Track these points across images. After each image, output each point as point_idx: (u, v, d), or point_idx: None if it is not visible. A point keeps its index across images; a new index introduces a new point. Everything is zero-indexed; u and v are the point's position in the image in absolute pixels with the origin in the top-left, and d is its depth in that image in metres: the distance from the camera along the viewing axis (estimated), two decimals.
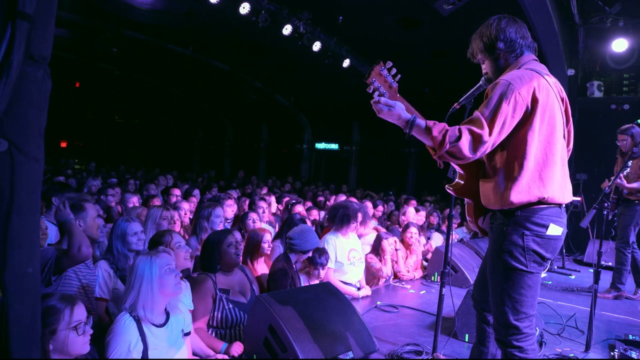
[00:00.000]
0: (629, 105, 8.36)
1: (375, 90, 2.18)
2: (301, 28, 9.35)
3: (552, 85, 2.24)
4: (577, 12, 8.07)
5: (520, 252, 2.14)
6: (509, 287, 2.17)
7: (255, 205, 5.43)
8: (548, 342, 3.68)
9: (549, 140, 2.17)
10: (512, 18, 2.32)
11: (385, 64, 2.19)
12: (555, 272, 6.56)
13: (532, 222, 2.13)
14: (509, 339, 2.17)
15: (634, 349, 3.48)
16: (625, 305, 5.10)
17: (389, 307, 4.32)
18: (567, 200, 2.23)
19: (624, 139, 5.12)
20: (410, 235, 5.47)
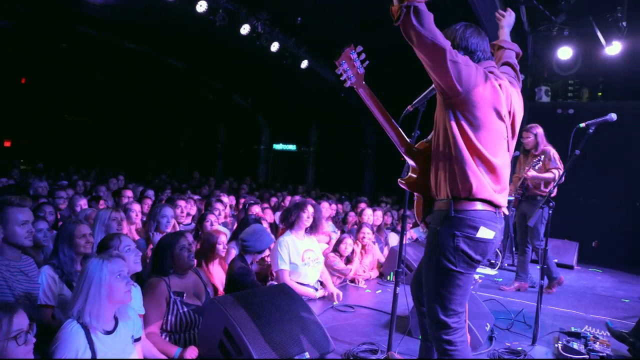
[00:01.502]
0: (573, 109, 8.78)
1: (344, 72, 2.20)
2: (259, 28, 9.30)
3: (505, 96, 2.29)
4: (526, 20, 8.40)
5: (450, 252, 2.21)
6: (439, 285, 2.25)
7: (212, 207, 5.35)
8: (498, 337, 3.81)
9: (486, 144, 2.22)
10: (477, 29, 2.39)
11: (356, 48, 2.21)
12: (506, 269, 6.80)
13: (463, 224, 2.20)
14: (439, 333, 2.26)
15: (575, 340, 3.66)
16: (570, 299, 5.35)
17: (345, 307, 4.35)
18: (503, 204, 2.30)
19: (528, 136, 5.41)
20: (364, 236, 5.52)
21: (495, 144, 2.25)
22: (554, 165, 5.29)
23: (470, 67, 2.14)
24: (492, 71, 2.30)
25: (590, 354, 3.46)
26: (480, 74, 2.18)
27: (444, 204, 2.27)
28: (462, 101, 2.16)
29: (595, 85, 9.78)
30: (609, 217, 8.39)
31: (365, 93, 2.27)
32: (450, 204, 2.23)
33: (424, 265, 2.38)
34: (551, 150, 5.38)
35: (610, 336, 3.78)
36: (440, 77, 2.14)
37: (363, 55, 2.22)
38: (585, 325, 4.24)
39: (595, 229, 8.41)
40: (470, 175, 2.19)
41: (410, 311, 3.59)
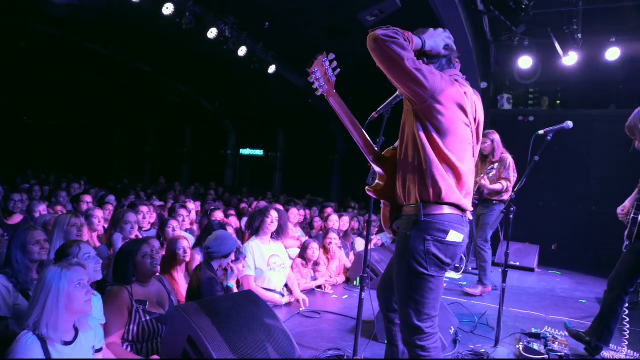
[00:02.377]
0: (534, 117, 9.08)
1: (316, 80, 2.20)
2: (227, 32, 9.22)
3: (469, 104, 2.33)
4: (489, 30, 8.64)
5: (421, 256, 2.22)
6: (411, 290, 2.26)
7: (175, 213, 5.25)
8: (462, 340, 3.88)
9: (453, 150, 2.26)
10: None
11: (328, 56, 2.22)
12: (470, 273, 6.94)
13: (433, 228, 2.23)
14: (413, 339, 2.27)
15: (536, 340, 3.77)
16: (531, 301, 5.50)
17: (311, 312, 4.35)
18: (468, 209, 2.35)
19: (485, 142, 5.58)
20: (330, 241, 5.53)
21: (461, 150, 2.29)
22: (506, 175, 5.45)
23: (434, 75, 2.18)
24: (457, 79, 2.35)
25: (550, 354, 3.56)
26: (445, 81, 2.22)
27: (413, 209, 2.29)
28: (429, 108, 2.19)
29: (554, 93, 10.15)
30: (567, 221, 8.69)
31: (335, 101, 2.27)
32: (419, 208, 2.25)
33: (395, 271, 2.38)
34: (508, 159, 5.52)
35: (569, 336, 3.90)
36: (405, 85, 2.18)
37: (335, 63, 2.23)
38: (545, 326, 4.37)
39: (555, 233, 8.69)
40: (439, 180, 2.23)
41: (376, 316, 3.61)
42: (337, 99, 2.25)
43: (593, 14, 7.40)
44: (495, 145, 5.57)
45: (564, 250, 8.63)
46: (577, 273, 7.69)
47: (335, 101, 2.26)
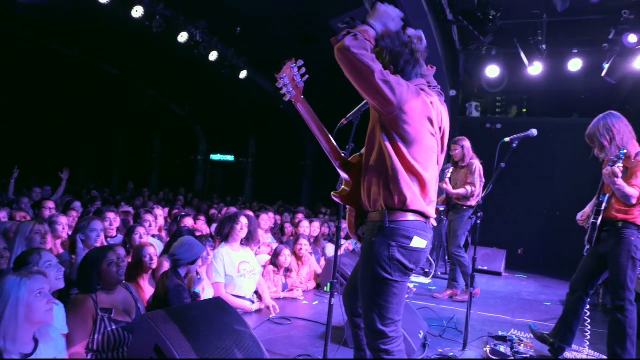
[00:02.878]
0: (501, 124, 9.31)
1: (284, 86, 2.19)
2: (198, 36, 9.14)
3: (435, 114, 2.36)
4: (458, 39, 8.83)
5: (386, 261, 2.25)
6: (376, 295, 2.28)
7: (141, 219, 5.14)
8: (431, 344, 3.92)
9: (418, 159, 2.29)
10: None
11: (297, 62, 2.22)
12: (439, 277, 7.03)
13: (398, 234, 2.26)
14: (377, 343, 2.29)
15: (502, 343, 3.85)
16: (498, 305, 5.61)
17: (282, 319, 4.32)
18: (432, 215, 2.38)
19: (456, 149, 5.71)
20: (301, 247, 5.52)
21: (426, 158, 2.33)
22: (471, 180, 5.56)
23: (401, 86, 2.21)
24: (423, 88, 2.39)
25: (516, 356, 3.64)
26: (412, 91, 2.25)
27: (378, 215, 2.31)
28: (395, 118, 2.22)
29: (520, 102, 10.44)
30: (533, 226, 8.93)
31: (303, 107, 2.28)
32: (384, 215, 2.27)
33: (359, 276, 2.39)
34: (475, 164, 5.62)
35: (534, 338, 4.00)
36: (372, 97, 2.21)
37: (303, 69, 2.23)
38: (511, 328, 4.47)
39: (521, 237, 8.91)
40: (404, 188, 2.25)
41: (346, 322, 3.61)
42: (305, 105, 2.26)
43: (557, 26, 7.65)
44: (465, 151, 5.67)
45: (530, 254, 8.86)
46: (542, 276, 7.90)
47: (303, 107, 2.27)
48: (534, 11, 7.38)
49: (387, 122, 2.25)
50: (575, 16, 7.25)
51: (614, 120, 3.50)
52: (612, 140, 3.44)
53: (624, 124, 3.49)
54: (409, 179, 2.26)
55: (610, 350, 3.47)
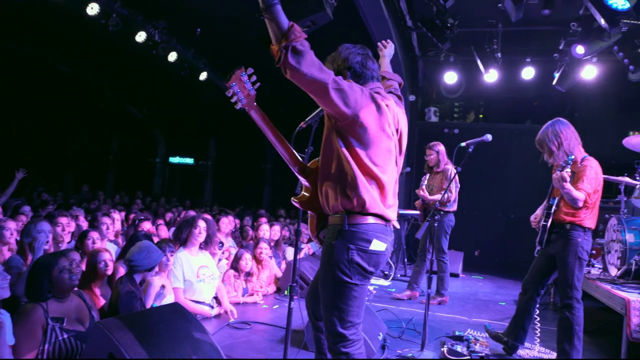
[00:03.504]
0: (458, 129, 9.56)
1: (234, 95, 2.16)
2: (156, 37, 8.96)
3: (391, 116, 2.38)
4: (417, 45, 9.03)
5: (345, 265, 2.25)
6: (336, 298, 2.28)
7: (97, 222, 4.98)
8: (390, 345, 3.97)
9: (376, 162, 2.30)
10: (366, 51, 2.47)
11: (247, 70, 2.19)
12: (399, 280, 7.14)
13: (357, 237, 2.26)
14: (337, 346, 2.29)
15: (459, 343, 3.94)
16: (455, 305, 5.74)
17: (241, 324, 4.28)
18: (392, 218, 2.40)
19: (431, 154, 5.82)
20: (261, 251, 5.49)
21: (384, 161, 2.34)
22: (446, 186, 5.65)
23: (355, 92, 2.21)
24: (379, 92, 2.40)
25: (472, 355, 3.74)
26: (366, 96, 2.26)
27: (337, 219, 2.31)
28: (351, 123, 2.23)
29: (477, 108, 10.77)
30: (488, 228, 9.20)
31: (256, 115, 2.25)
32: (344, 218, 2.28)
33: (320, 280, 2.39)
34: (450, 170, 5.73)
35: (489, 337, 4.11)
36: (327, 106, 2.21)
37: (254, 77, 2.21)
38: (468, 328, 4.57)
39: (477, 239, 9.17)
40: (362, 191, 2.26)
41: (306, 325, 3.62)
42: (259, 112, 2.24)
43: (511, 35, 7.95)
44: (440, 156, 5.72)
45: (486, 256, 9.13)
46: (498, 277, 8.14)
47: (257, 114, 2.25)
48: (489, 20, 7.65)
49: (343, 127, 2.26)
50: (528, 26, 7.55)
51: (562, 126, 3.66)
52: (560, 145, 3.59)
53: (570, 130, 3.66)
54: (366, 182, 2.28)
55: (559, 346, 3.62)
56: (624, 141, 4.76)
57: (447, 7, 6.41)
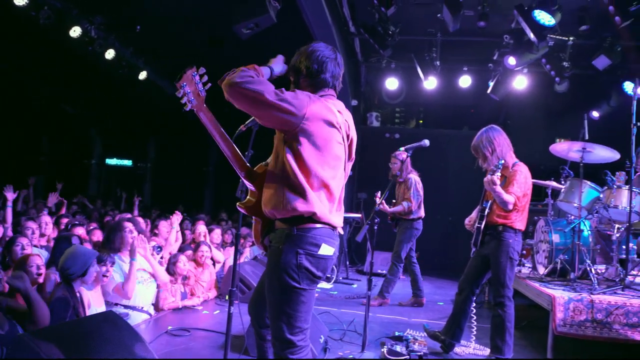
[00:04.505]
0: (399, 134, 9.80)
1: (184, 95, 2.09)
2: (93, 32, 8.56)
3: (341, 122, 2.38)
4: (359, 51, 9.19)
5: (293, 269, 2.23)
6: (284, 303, 2.25)
7: (22, 227, 4.67)
8: (331, 347, 4.00)
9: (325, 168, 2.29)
10: (335, 54, 2.47)
11: (199, 70, 2.12)
12: (340, 282, 7.21)
13: (306, 242, 2.25)
14: (285, 352, 2.27)
15: (399, 343, 4.03)
16: (397, 306, 5.88)
17: (180, 330, 4.16)
18: (339, 224, 2.41)
19: (395, 162, 5.95)
20: (202, 254, 5.38)
21: (333, 167, 2.33)
22: (407, 196, 5.84)
23: (300, 100, 2.20)
24: (327, 98, 2.39)
25: (411, 354, 3.83)
26: (314, 101, 2.25)
27: (285, 224, 2.29)
28: (300, 130, 2.21)
29: (417, 113, 11.09)
30: (427, 230, 9.43)
31: (206, 117, 2.18)
32: (292, 222, 2.26)
33: (266, 285, 2.35)
34: (412, 180, 5.86)
35: (427, 336, 4.24)
36: (276, 120, 2.20)
37: (205, 77, 2.14)
38: (407, 328, 4.69)
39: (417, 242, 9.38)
40: (310, 196, 2.24)
41: (247, 330, 3.57)
42: (208, 114, 2.17)
43: (449, 44, 8.26)
44: (403, 166, 5.78)
45: (426, 257, 9.34)
46: (437, 278, 8.39)
47: (206, 117, 2.18)
48: (429, 29, 7.92)
49: (292, 135, 2.23)
50: (465, 37, 7.88)
51: (495, 133, 3.85)
52: (494, 151, 3.78)
53: (503, 136, 3.86)
54: (315, 188, 2.26)
55: (492, 342, 3.79)
56: (551, 148, 5.05)
57: (389, 15, 6.57)
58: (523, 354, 4.19)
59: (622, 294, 4.18)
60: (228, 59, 10.81)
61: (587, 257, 4.72)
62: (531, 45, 6.81)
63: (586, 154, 4.74)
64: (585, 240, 4.94)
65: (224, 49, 9.19)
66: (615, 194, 4.75)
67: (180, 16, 8.46)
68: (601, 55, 7.14)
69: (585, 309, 3.97)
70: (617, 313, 3.93)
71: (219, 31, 8.70)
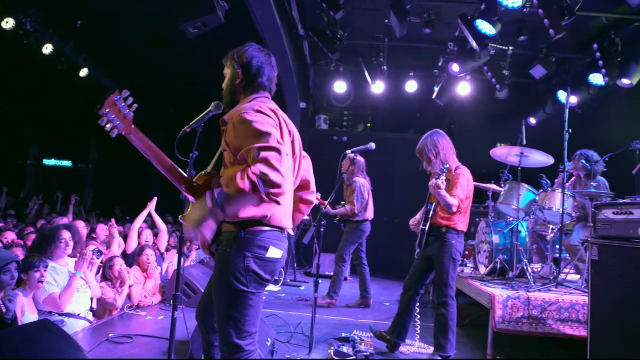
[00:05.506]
0: (347, 137, 9.92)
1: (109, 122, 2.00)
2: (28, 25, 8.12)
3: (286, 126, 2.36)
4: (308, 54, 9.22)
5: (241, 273, 2.20)
6: (231, 307, 2.22)
7: None
8: (278, 350, 3.97)
9: None
10: (270, 57, 2.44)
11: (122, 93, 2.03)
12: (288, 284, 7.19)
13: (253, 245, 2.22)
14: (233, 357, 2.24)
15: (345, 343, 4.08)
16: (343, 307, 5.93)
17: (122, 337, 4.01)
18: (289, 226, 2.40)
19: (344, 165, 5.98)
20: (147, 258, 5.21)
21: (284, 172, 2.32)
22: (351, 199, 5.90)
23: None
24: (264, 101, 2.36)
25: (357, 355, 3.88)
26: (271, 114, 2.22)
27: (233, 226, 2.25)
28: None
29: (365, 117, 11.26)
30: (374, 232, 9.58)
31: (136, 138, 2.11)
32: (240, 225, 2.23)
33: (214, 288, 2.31)
34: (357, 183, 5.91)
35: (373, 336, 4.30)
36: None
37: (131, 99, 2.05)
38: (354, 329, 4.73)
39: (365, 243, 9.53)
40: (263, 205, 2.20)
41: (191, 336, 3.49)
42: (138, 134, 2.10)
43: (396, 50, 8.45)
44: (350, 168, 5.81)
45: (372, 258, 9.48)
46: (383, 279, 8.55)
47: (136, 137, 2.10)
48: (377, 34, 8.06)
49: None
50: (411, 42, 8.08)
51: (439, 137, 3.98)
52: (437, 155, 3.90)
53: (446, 140, 3.99)
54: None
55: (435, 340, 3.90)
56: (491, 152, 5.27)
57: (337, 19, 6.64)
58: (465, 351, 4.34)
59: (556, 290, 4.43)
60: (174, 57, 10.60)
61: (524, 257, 4.96)
62: (473, 53, 7.08)
63: (524, 158, 4.98)
64: (523, 241, 5.18)
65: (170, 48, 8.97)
66: (550, 196, 5.03)
67: (125, 12, 8.18)
68: (537, 65, 7.53)
69: (522, 306, 4.16)
70: (550, 309, 4.15)
71: (166, 29, 8.48)
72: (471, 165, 4.09)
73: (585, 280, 3.95)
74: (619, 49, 6.79)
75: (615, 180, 5.46)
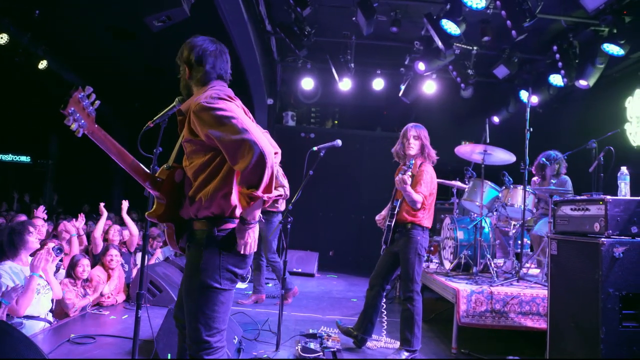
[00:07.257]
0: (314, 134, 9.92)
1: (75, 122, 1.92)
2: None
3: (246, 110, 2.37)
4: (275, 50, 9.17)
5: (215, 270, 2.21)
6: (203, 305, 2.21)
7: None
8: (246, 348, 3.97)
9: None
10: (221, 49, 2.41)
11: (85, 90, 1.96)
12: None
13: (227, 242, 2.22)
14: (201, 354, 2.22)
15: (313, 340, 4.09)
16: (311, 304, 5.93)
17: (84, 338, 3.90)
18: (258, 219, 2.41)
19: None
20: (111, 258, 5.08)
21: None
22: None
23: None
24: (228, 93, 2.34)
25: (324, 351, 3.89)
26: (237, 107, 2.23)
27: (205, 224, 2.24)
28: None
29: (332, 114, 11.29)
30: (342, 229, 9.70)
31: (99, 136, 2.05)
32: (212, 223, 2.22)
33: (185, 287, 2.29)
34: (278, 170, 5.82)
35: (340, 332, 4.33)
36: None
37: (93, 97, 1.98)
38: (322, 326, 4.76)
39: (332, 240, 9.61)
40: (232, 196, 2.23)
41: (157, 334, 3.43)
42: (101, 133, 2.04)
43: (363, 48, 8.50)
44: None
45: (340, 255, 9.60)
46: (351, 275, 8.62)
47: (99, 136, 2.04)
48: (344, 32, 8.09)
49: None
50: (378, 41, 8.15)
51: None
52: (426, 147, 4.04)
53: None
54: (234, 187, 2.24)
55: (402, 335, 3.95)
56: (456, 150, 5.37)
57: (305, 16, 6.62)
58: (430, 345, 4.42)
59: (517, 285, 4.56)
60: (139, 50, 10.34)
61: (488, 252, 5.08)
62: (439, 52, 7.20)
63: (487, 156, 5.10)
64: (486, 237, 5.31)
65: (134, 41, 8.76)
66: (512, 193, 5.18)
67: (87, 2, 7.93)
68: (500, 65, 7.72)
69: (485, 300, 4.27)
70: (512, 303, 4.27)
71: (130, 22, 8.27)
72: (436, 163, 4.17)
73: (545, 275, 4.08)
74: (577, 52, 7.03)
75: (574, 178, 5.67)
